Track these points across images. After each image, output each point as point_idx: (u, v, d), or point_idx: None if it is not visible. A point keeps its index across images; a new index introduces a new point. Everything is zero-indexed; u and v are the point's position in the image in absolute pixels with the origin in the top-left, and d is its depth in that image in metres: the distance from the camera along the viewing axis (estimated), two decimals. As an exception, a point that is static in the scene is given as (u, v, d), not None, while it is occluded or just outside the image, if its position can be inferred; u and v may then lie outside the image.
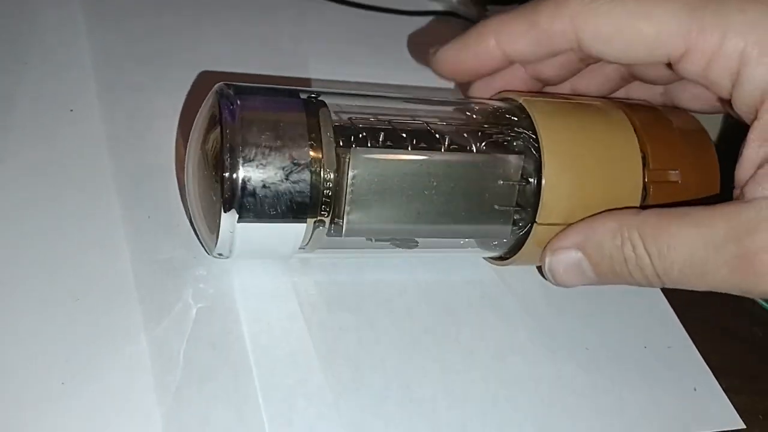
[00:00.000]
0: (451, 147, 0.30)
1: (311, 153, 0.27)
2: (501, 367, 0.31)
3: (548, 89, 0.35)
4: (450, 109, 0.34)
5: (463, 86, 0.37)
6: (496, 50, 0.32)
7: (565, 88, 0.36)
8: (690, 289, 0.28)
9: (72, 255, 0.30)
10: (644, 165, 0.31)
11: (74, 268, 0.30)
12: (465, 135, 0.31)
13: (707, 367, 0.33)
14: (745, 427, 0.31)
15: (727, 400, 0.32)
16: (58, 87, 0.37)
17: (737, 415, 0.32)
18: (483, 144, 0.30)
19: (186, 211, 0.32)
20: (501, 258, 0.33)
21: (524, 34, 0.31)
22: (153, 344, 0.28)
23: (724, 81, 0.29)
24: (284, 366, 0.29)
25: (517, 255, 0.31)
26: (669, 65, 0.30)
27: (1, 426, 0.25)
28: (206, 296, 0.30)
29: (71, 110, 0.36)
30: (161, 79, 0.39)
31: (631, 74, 0.35)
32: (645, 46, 0.29)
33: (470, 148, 0.30)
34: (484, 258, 0.34)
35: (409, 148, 0.29)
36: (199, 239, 0.31)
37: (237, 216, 0.27)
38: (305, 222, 0.28)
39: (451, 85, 0.42)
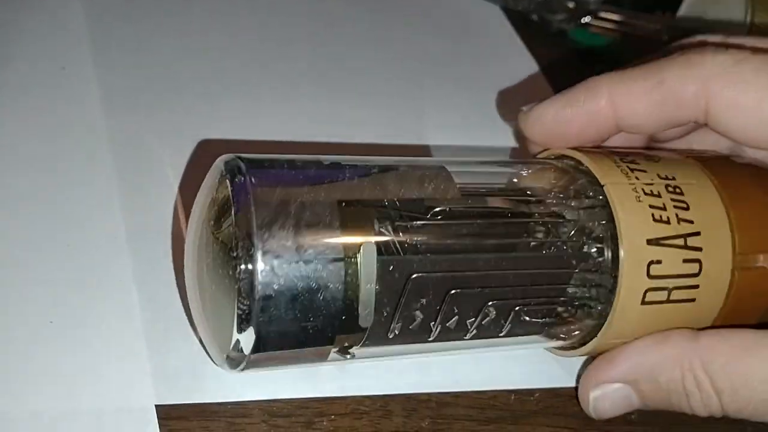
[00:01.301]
0: (510, 231, 0.26)
1: (348, 258, 0.22)
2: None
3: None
4: (499, 174, 0.29)
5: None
6: (608, 111, 0.27)
7: None
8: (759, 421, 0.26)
9: (66, 208, 0.31)
10: (732, 249, 0.27)
11: (68, 219, 0.30)
12: (524, 213, 0.27)
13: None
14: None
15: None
16: (51, 44, 0.37)
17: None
18: (546, 231, 0.26)
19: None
20: (567, 348, 0.28)
21: (646, 94, 0.27)
22: (142, 292, 0.28)
23: None
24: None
25: (588, 345, 0.27)
26: None
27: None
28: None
29: (63, 68, 0.36)
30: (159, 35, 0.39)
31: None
32: None
33: (530, 231, 0.26)
34: (545, 348, 0.30)
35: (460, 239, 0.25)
36: (193, 327, 0.27)
37: (254, 341, 0.22)
38: (336, 344, 0.23)
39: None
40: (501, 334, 0.26)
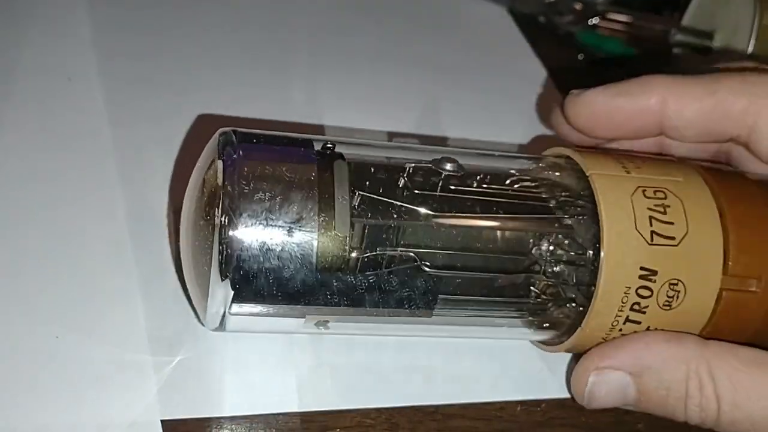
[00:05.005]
0: (496, 211, 0.26)
1: (322, 226, 0.24)
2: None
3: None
4: (491, 162, 0.29)
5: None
6: (657, 109, 0.28)
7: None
8: None
9: (69, 220, 0.31)
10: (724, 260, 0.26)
11: (72, 233, 0.30)
12: (509, 198, 0.27)
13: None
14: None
15: None
16: (56, 55, 0.37)
17: None
18: (529, 210, 0.27)
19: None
20: (549, 342, 0.29)
21: (698, 100, 0.27)
22: (147, 302, 0.28)
23: None
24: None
25: (572, 339, 0.27)
26: None
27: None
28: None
29: (69, 78, 0.36)
30: (162, 49, 0.39)
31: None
32: None
33: (514, 212, 0.27)
34: (531, 341, 0.30)
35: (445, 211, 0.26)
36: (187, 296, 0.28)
37: (231, 295, 0.24)
38: (308, 307, 0.25)
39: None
40: (480, 310, 0.27)
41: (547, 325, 0.28)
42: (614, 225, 0.25)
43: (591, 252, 0.26)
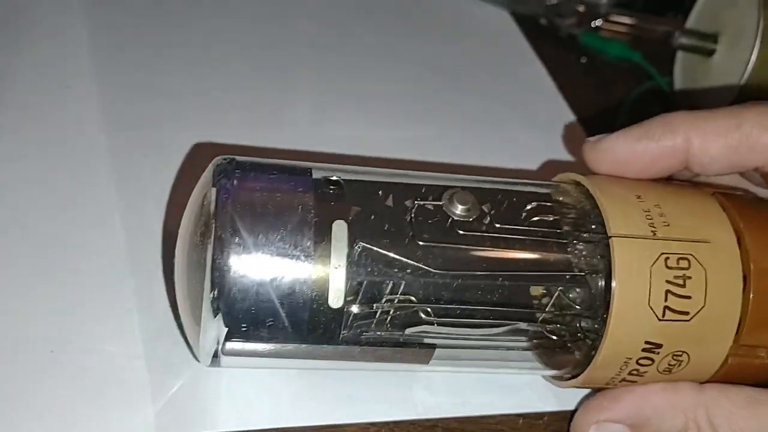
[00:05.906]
0: (506, 264, 0.25)
1: (318, 270, 0.23)
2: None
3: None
4: (499, 196, 0.27)
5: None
6: (682, 148, 0.27)
7: None
8: None
9: (66, 230, 0.30)
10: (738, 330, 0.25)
11: (68, 242, 0.30)
12: (521, 247, 0.26)
13: None
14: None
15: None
16: (54, 63, 0.37)
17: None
18: (543, 261, 0.26)
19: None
20: (559, 378, 0.28)
21: (722, 136, 0.26)
22: (142, 313, 0.28)
23: None
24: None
25: (585, 374, 0.26)
26: None
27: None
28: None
29: (67, 87, 0.36)
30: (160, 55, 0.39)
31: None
32: None
33: (525, 246, 0.26)
34: (542, 376, 0.29)
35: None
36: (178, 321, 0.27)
37: (224, 332, 0.23)
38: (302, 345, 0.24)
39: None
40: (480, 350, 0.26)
41: (547, 365, 0.27)
42: (625, 298, 0.24)
43: (599, 312, 0.25)
